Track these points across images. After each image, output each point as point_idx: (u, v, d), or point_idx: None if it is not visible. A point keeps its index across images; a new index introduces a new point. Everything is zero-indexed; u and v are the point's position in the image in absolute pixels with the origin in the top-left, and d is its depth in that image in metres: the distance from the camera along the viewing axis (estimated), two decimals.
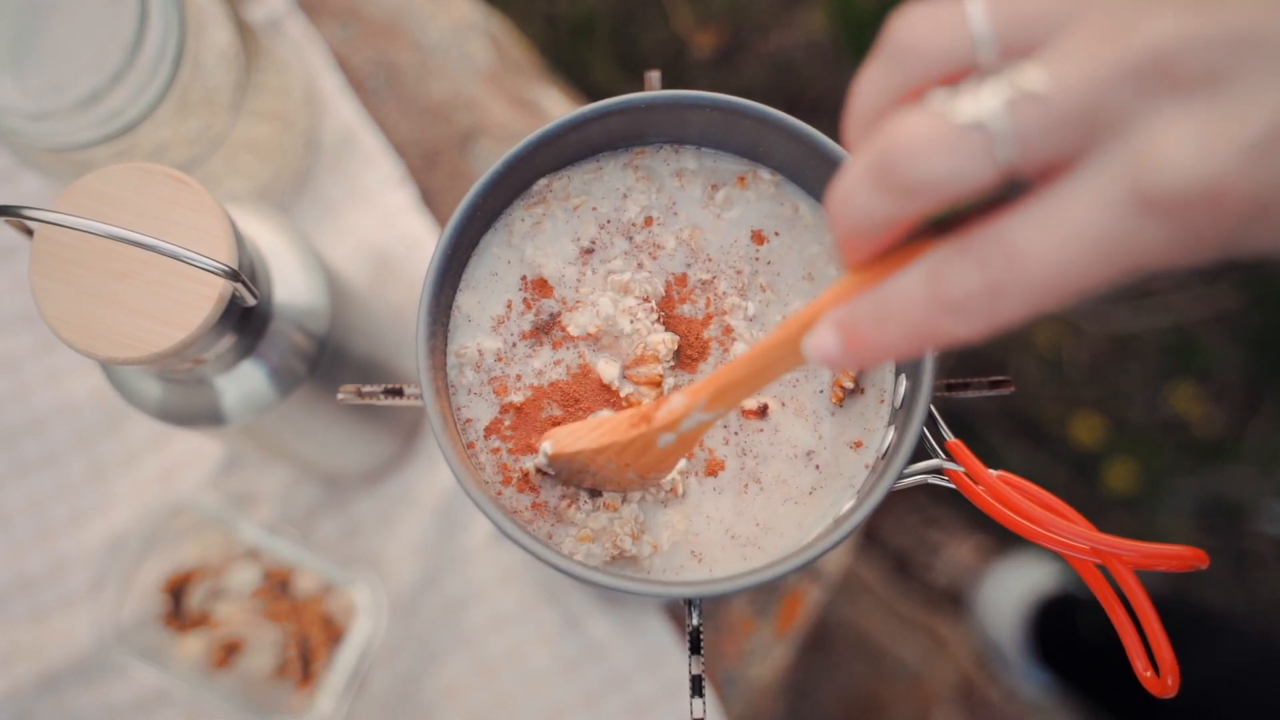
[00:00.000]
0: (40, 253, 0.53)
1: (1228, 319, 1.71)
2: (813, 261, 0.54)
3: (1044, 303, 0.31)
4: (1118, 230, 0.29)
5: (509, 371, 0.53)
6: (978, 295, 0.31)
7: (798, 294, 0.53)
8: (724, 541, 0.51)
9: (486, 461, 0.52)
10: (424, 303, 0.49)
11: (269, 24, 0.93)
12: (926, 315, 0.32)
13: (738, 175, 0.54)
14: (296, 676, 0.84)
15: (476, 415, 0.52)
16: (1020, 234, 0.30)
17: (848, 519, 0.46)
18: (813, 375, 0.53)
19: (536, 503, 0.51)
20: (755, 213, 0.54)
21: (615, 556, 0.50)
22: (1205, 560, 0.42)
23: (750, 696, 0.89)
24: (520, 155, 0.50)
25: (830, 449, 0.52)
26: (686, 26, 1.77)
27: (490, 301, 0.53)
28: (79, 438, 0.88)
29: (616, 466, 0.48)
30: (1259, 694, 1.23)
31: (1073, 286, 0.31)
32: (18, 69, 0.69)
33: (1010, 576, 1.60)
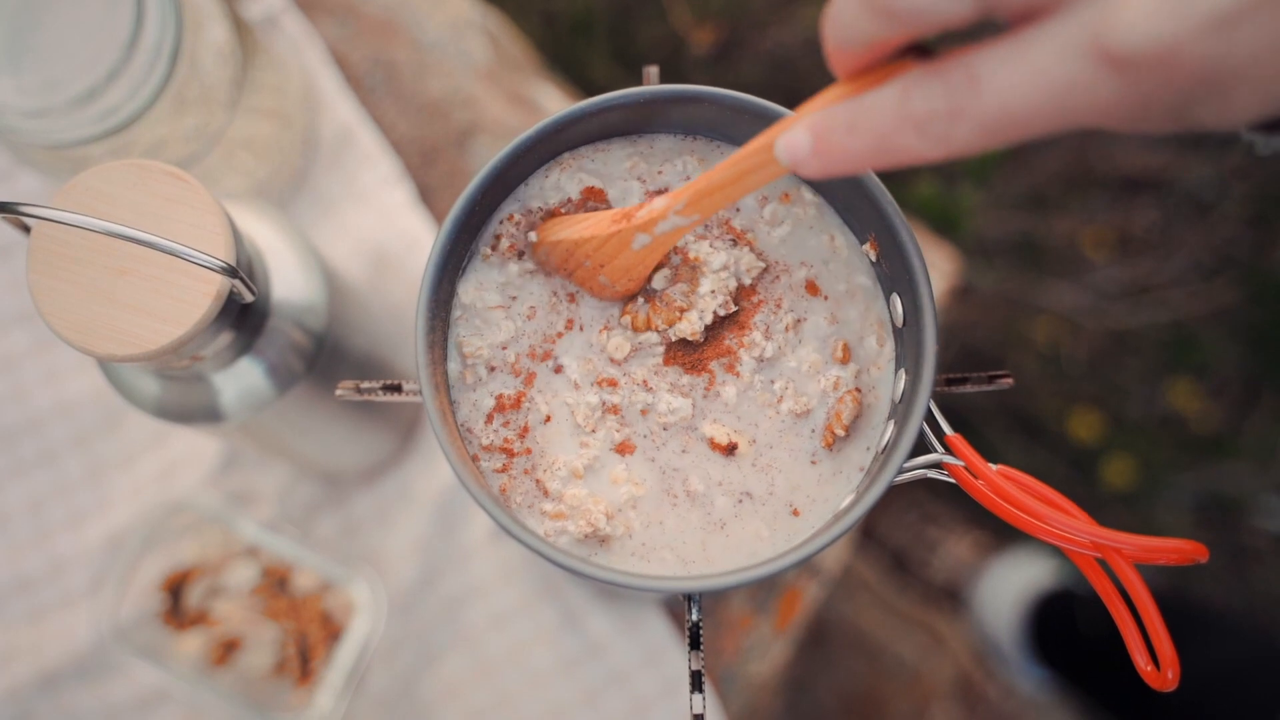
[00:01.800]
0: (38, 250, 0.53)
1: (1225, 315, 1.71)
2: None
3: (996, 134, 0.34)
4: (1073, 77, 0.32)
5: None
6: (940, 116, 0.34)
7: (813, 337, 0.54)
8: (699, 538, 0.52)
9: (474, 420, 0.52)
10: (423, 299, 0.49)
11: (266, 21, 0.93)
12: (892, 128, 0.35)
13: (782, 194, 0.54)
14: (295, 674, 0.84)
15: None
16: (987, 67, 0.33)
17: (847, 513, 0.46)
18: (800, 430, 0.52)
19: (507, 464, 0.52)
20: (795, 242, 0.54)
21: (588, 535, 0.50)
22: (1205, 554, 0.41)
23: (749, 693, 0.89)
24: (518, 151, 0.50)
25: (808, 498, 0.52)
26: (684, 23, 1.77)
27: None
28: (77, 437, 0.88)
29: (592, 266, 0.50)
30: (1257, 689, 1.23)
31: (1024, 122, 0.33)
32: (14, 66, 0.69)
33: (1008, 573, 1.60)
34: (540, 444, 0.52)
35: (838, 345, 0.52)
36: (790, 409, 0.52)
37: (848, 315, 0.53)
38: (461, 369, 0.53)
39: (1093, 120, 0.33)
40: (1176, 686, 0.43)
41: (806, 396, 0.52)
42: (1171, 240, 1.74)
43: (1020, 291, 1.74)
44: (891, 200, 0.49)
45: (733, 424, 0.52)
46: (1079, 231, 1.75)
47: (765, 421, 0.52)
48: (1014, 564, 1.61)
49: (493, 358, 0.53)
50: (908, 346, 0.50)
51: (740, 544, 0.51)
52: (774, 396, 0.52)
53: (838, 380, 0.52)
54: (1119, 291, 1.74)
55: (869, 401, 0.52)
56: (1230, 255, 1.73)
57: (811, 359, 0.53)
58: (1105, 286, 1.74)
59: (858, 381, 0.52)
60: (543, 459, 0.52)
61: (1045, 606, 1.53)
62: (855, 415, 0.51)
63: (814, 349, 0.53)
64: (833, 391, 0.52)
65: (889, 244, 0.50)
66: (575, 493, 0.51)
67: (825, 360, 0.53)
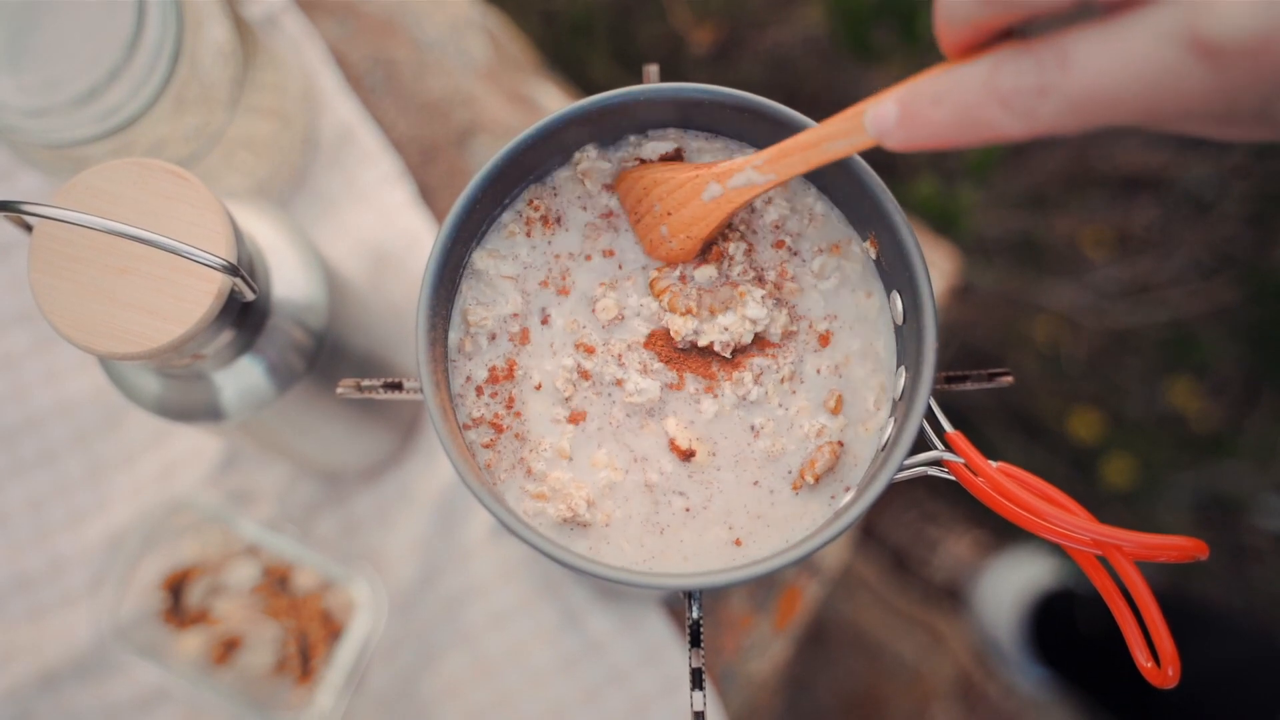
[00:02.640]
0: (39, 249, 0.53)
1: (1225, 314, 1.71)
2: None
3: (1081, 114, 0.34)
4: (1163, 63, 0.32)
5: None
6: (1026, 91, 0.34)
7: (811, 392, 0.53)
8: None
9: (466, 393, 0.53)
10: (424, 298, 0.49)
11: (266, 21, 0.93)
12: (978, 101, 0.36)
13: (831, 244, 0.54)
14: (296, 673, 0.84)
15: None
16: (1079, 47, 0.33)
17: (848, 511, 0.46)
18: (769, 467, 0.52)
19: (494, 439, 0.52)
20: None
21: (567, 519, 0.50)
22: (1205, 551, 0.42)
23: (749, 691, 0.89)
24: (518, 150, 0.50)
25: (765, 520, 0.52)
26: (684, 22, 1.77)
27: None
28: (77, 436, 0.88)
29: (660, 211, 0.51)
30: (1256, 688, 1.23)
31: (1111, 104, 0.33)
32: (15, 66, 0.69)
33: (1008, 572, 1.60)
34: (526, 418, 0.52)
35: (833, 396, 0.52)
36: (765, 447, 0.52)
37: (853, 372, 0.53)
38: (462, 336, 0.53)
39: (1178, 111, 0.33)
40: (1177, 684, 0.43)
41: (785, 440, 0.52)
42: (1171, 239, 1.74)
43: (1020, 290, 1.74)
44: (892, 198, 0.49)
45: (699, 432, 0.52)
46: (1079, 230, 1.75)
47: (733, 446, 0.52)
48: (1014, 563, 1.61)
49: (496, 328, 0.53)
50: (908, 344, 0.50)
51: (693, 551, 0.51)
52: (750, 431, 0.52)
53: (823, 429, 0.52)
54: (1119, 290, 1.74)
55: (846, 458, 0.52)
56: (1230, 254, 1.73)
57: (802, 404, 0.52)
58: (1105, 285, 1.74)
59: (842, 435, 0.52)
60: (529, 437, 0.52)
61: (1045, 605, 1.53)
62: (829, 468, 0.51)
63: (807, 395, 0.52)
64: (814, 438, 0.52)
65: (889, 242, 0.50)
66: (559, 475, 0.51)
67: (815, 407, 0.52)
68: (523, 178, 0.54)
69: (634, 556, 0.51)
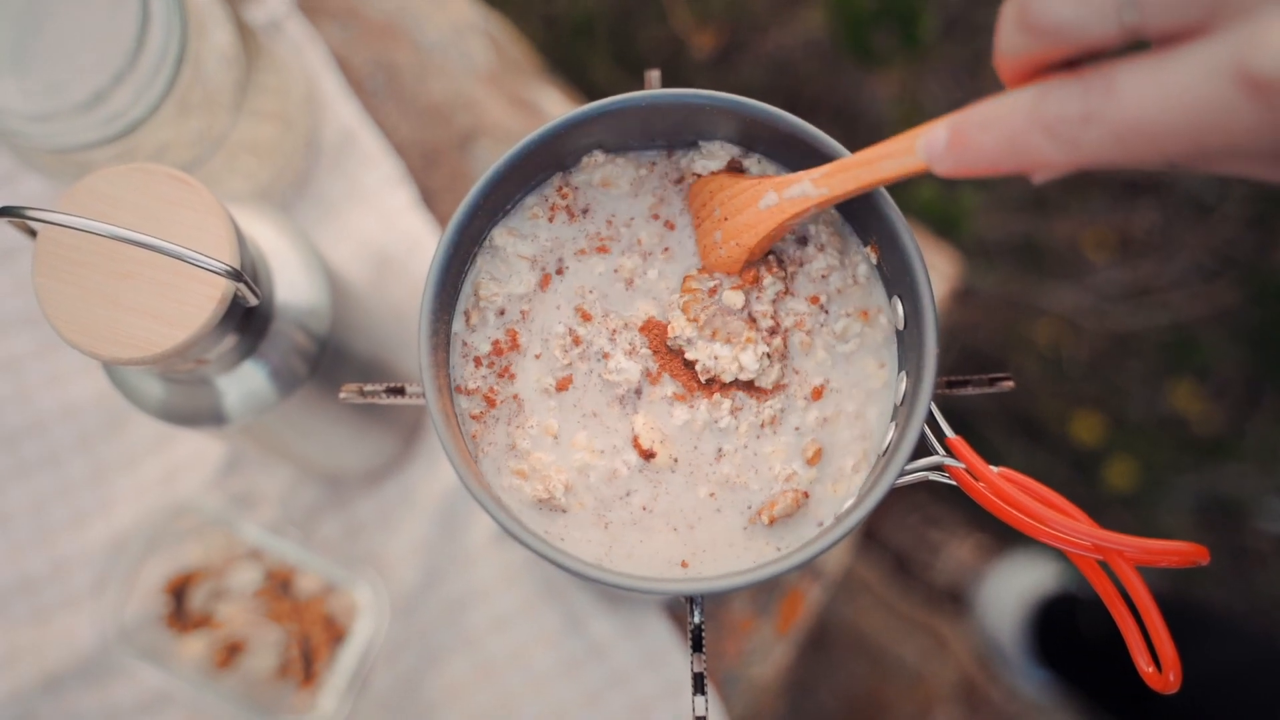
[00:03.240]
0: (43, 253, 0.53)
1: (1227, 316, 1.71)
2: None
3: (1126, 145, 0.34)
4: (1212, 97, 0.32)
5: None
6: (1072, 119, 0.34)
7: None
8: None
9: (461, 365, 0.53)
10: (426, 302, 0.49)
11: (269, 25, 0.93)
12: (1023, 128, 0.36)
13: (861, 310, 0.54)
14: (299, 677, 0.84)
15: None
16: (1126, 77, 0.33)
17: (849, 515, 0.47)
18: (726, 494, 0.52)
19: (484, 411, 0.52)
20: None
21: (542, 500, 0.51)
22: (1206, 556, 0.42)
23: (751, 695, 0.89)
24: (521, 155, 0.50)
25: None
26: (685, 26, 1.77)
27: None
28: (81, 439, 0.88)
29: (720, 215, 0.52)
30: (1258, 691, 1.23)
31: (1156, 136, 0.33)
32: (19, 70, 0.70)
33: (1010, 576, 1.60)
34: (520, 382, 0.52)
35: (813, 447, 0.52)
36: (727, 474, 0.52)
37: (840, 432, 0.52)
38: (469, 309, 0.53)
39: (1224, 146, 0.33)
40: (1178, 688, 0.43)
41: (750, 475, 0.52)
42: (1172, 242, 1.74)
43: (1021, 293, 1.74)
44: (892, 203, 0.49)
45: (664, 435, 0.52)
46: (1080, 233, 1.75)
47: (696, 461, 0.52)
48: (1016, 567, 1.61)
49: (505, 304, 0.53)
50: (909, 349, 0.50)
51: (642, 557, 0.51)
52: (716, 453, 0.52)
53: (793, 474, 0.51)
54: (1120, 293, 1.74)
55: (807, 511, 0.51)
56: (1231, 257, 1.73)
57: (777, 447, 0.52)
58: (1106, 288, 1.74)
59: (811, 488, 0.51)
60: (521, 408, 0.52)
61: (1047, 609, 1.53)
62: (787, 514, 0.51)
63: (785, 440, 0.52)
64: (782, 481, 0.51)
65: (890, 246, 0.50)
66: (541, 456, 0.51)
67: (792, 453, 0.52)
68: (524, 183, 0.54)
69: (593, 550, 0.51)
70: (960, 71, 1.77)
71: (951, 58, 1.77)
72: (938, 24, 1.77)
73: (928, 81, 1.76)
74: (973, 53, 1.77)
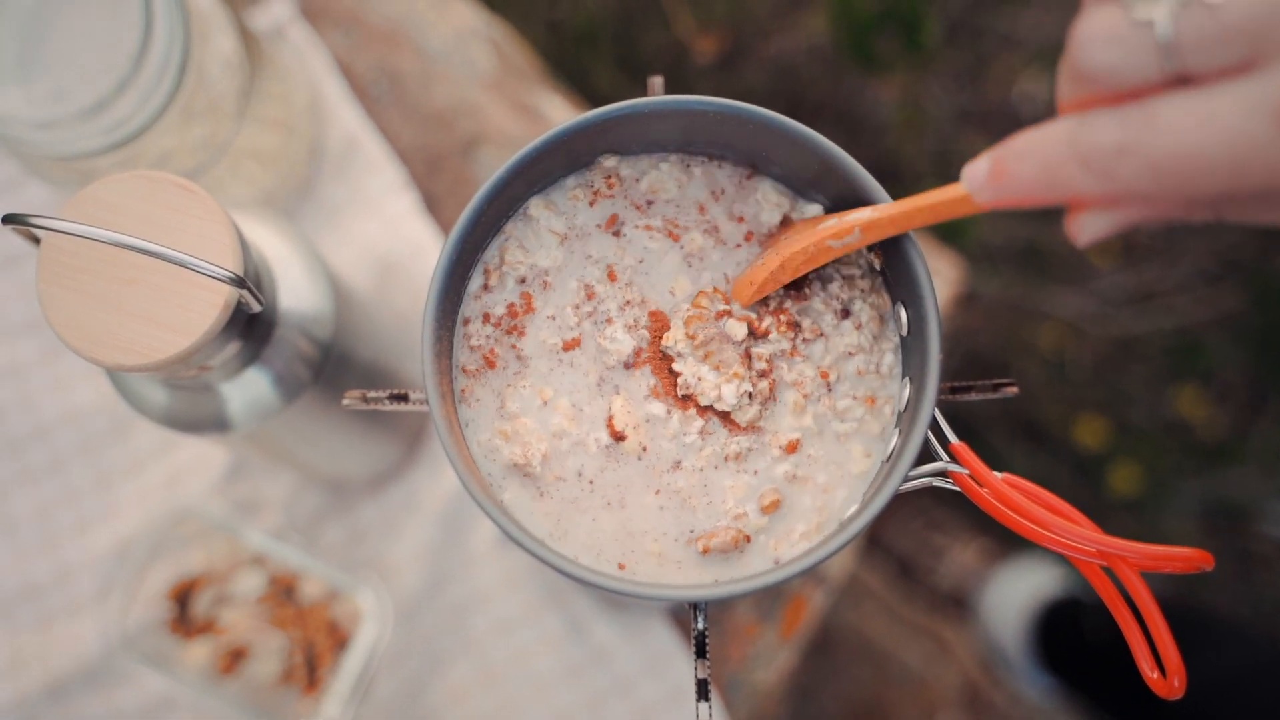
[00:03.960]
0: (47, 260, 0.53)
1: (1230, 320, 1.71)
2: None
3: (1162, 177, 0.33)
4: (1252, 133, 0.32)
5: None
6: (1107, 149, 0.34)
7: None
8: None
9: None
10: (429, 308, 0.49)
11: (272, 32, 0.93)
12: (1059, 158, 0.36)
13: (870, 396, 0.53)
14: (302, 683, 0.84)
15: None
16: (1165, 109, 0.33)
17: (853, 522, 0.46)
18: (673, 508, 0.52)
19: (480, 368, 0.52)
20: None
21: (518, 465, 0.51)
22: (1211, 562, 0.42)
23: (755, 700, 0.89)
24: (525, 161, 0.50)
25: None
26: (688, 31, 1.77)
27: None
28: (85, 445, 0.89)
29: (779, 245, 0.52)
30: (1263, 695, 1.23)
31: (1193, 169, 0.33)
32: (23, 78, 0.70)
33: (1014, 580, 1.60)
34: (526, 338, 0.53)
35: (771, 495, 0.51)
36: (680, 487, 0.51)
37: (801, 495, 0.51)
38: (490, 268, 0.53)
39: (1260, 183, 0.33)
40: (1183, 695, 0.43)
41: (701, 498, 0.51)
42: (1176, 246, 1.74)
43: (1025, 298, 1.74)
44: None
45: (637, 421, 0.52)
46: None
47: (659, 457, 0.52)
48: (1020, 571, 1.61)
49: (527, 274, 0.53)
50: (913, 355, 0.50)
51: (591, 540, 0.51)
52: (674, 464, 0.52)
53: (743, 515, 0.51)
54: (1124, 298, 1.74)
55: (745, 552, 0.51)
56: (1235, 261, 1.72)
57: (735, 484, 0.51)
58: (1110, 293, 1.74)
59: (756, 534, 0.51)
60: (521, 372, 0.52)
61: (1052, 614, 1.52)
62: (722, 551, 0.50)
63: (746, 480, 0.52)
64: (729, 519, 0.51)
65: (894, 252, 0.50)
66: (527, 422, 0.51)
67: (749, 495, 0.51)
68: (527, 192, 0.54)
69: (541, 525, 0.51)
70: (963, 76, 1.77)
71: (954, 62, 1.77)
72: (940, 29, 1.77)
73: (930, 86, 1.76)
74: (975, 57, 1.77)
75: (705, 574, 0.50)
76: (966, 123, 1.76)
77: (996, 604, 1.60)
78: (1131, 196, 0.35)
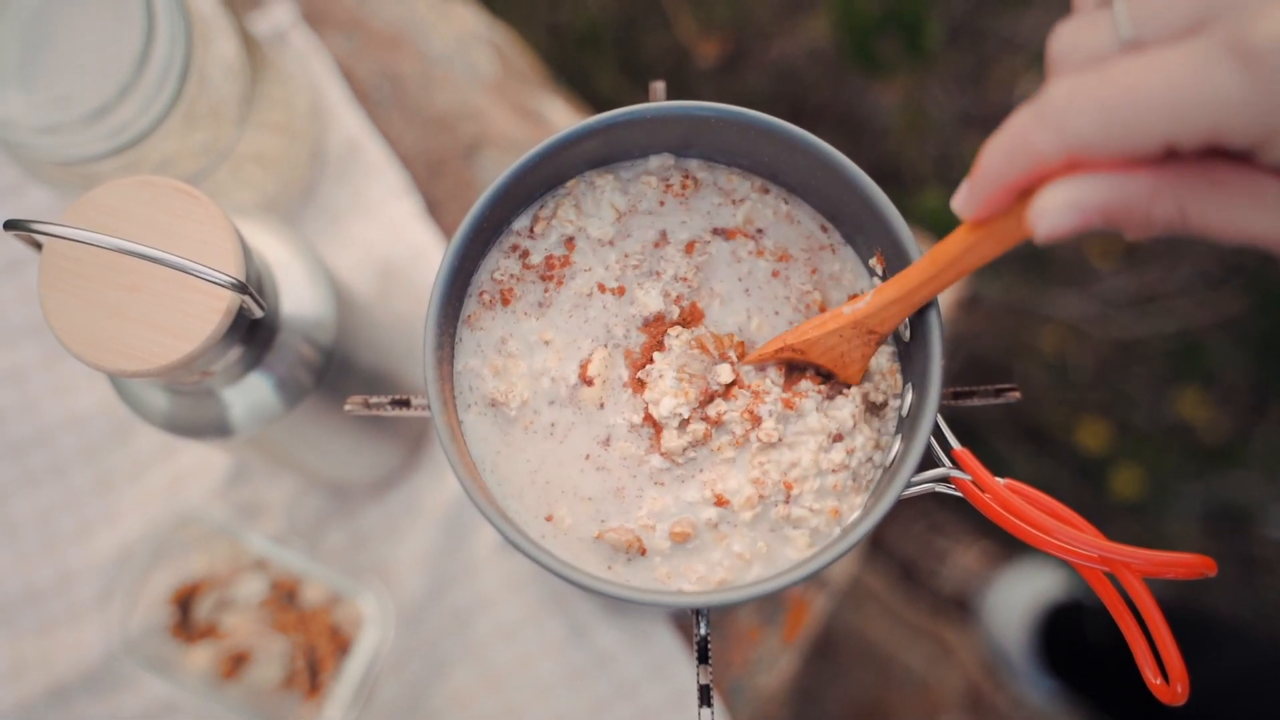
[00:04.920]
0: (49, 266, 0.53)
1: (1233, 323, 1.71)
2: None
3: (1111, 124, 0.34)
4: (1204, 72, 0.33)
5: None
6: (1061, 98, 0.35)
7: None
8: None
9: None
10: (431, 314, 0.49)
11: (274, 36, 0.93)
12: (1022, 125, 0.37)
13: (834, 508, 0.52)
14: (304, 687, 0.84)
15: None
16: (1121, 61, 0.35)
17: (855, 528, 0.46)
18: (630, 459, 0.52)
19: (494, 300, 0.53)
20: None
21: (496, 401, 0.51)
22: (1213, 568, 0.41)
23: (758, 704, 0.89)
24: (527, 166, 0.50)
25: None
26: (689, 35, 1.77)
27: None
28: (86, 449, 0.89)
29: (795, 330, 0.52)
30: (1265, 699, 1.22)
31: (1143, 111, 0.34)
32: (26, 83, 0.70)
33: (1017, 583, 1.60)
34: (568, 280, 0.53)
35: (683, 526, 0.51)
36: (610, 467, 0.52)
37: (713, 549, 0.51)
38: (540, 215, 0.54)
39: (1216, 121, 0.33)
40: (1186, 700, 0.43)
41: (621, 488, 0.51)
42: (1178, 249, 1.74)
43: (1027, 300, 1.74)
44: (897, 214, 0.49)
45: (607, 378, 0.53)
46: (1085, 240, 1.75)
47: (609, 423, 0.52)
48: (1023, 574, 1.61)
49: (575, 236, 0.54)
50: (915, 361, 0.50)
51: (522, 486, 0.52)
52: (605, 440, 0.52)
53: (651, 527, 0.51)
54: (1126, 300, 1.74)
55: (633, 560, 0.51)
56: (1237, 264, 1.72)
57: (659, 497, 0.51)
58: (1112, 295, 1.74)
59: (653, 553, 0.51)
60: (527, 316, 0.53)
61: (1054, 617, 1.52)
62: (616, 547, 0.50)
63: (665, 503, 0.51)
64: (636, 523, 0.51)
65: (895, 258, 0.50)
66: (521, 364, 0.52)
67: (665, 514, 0.51)
68: (528, 198, 0.54)
69: (484, 451, 0.51)
70: (965, 79, 1.77)
71: (956, 65, 1.77)
72: (942, 31, 1.77)
73: (932, 89, 1.76)
74: (977, 60, 1.77)
75: (599, 560, 0.50)
76: (968, 126, 1.76)
77: (999, 607, 1.59)
78: (1086, 151, 0.35)
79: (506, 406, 0.51)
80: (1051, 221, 0.37)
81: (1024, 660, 1.55)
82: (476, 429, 0.52)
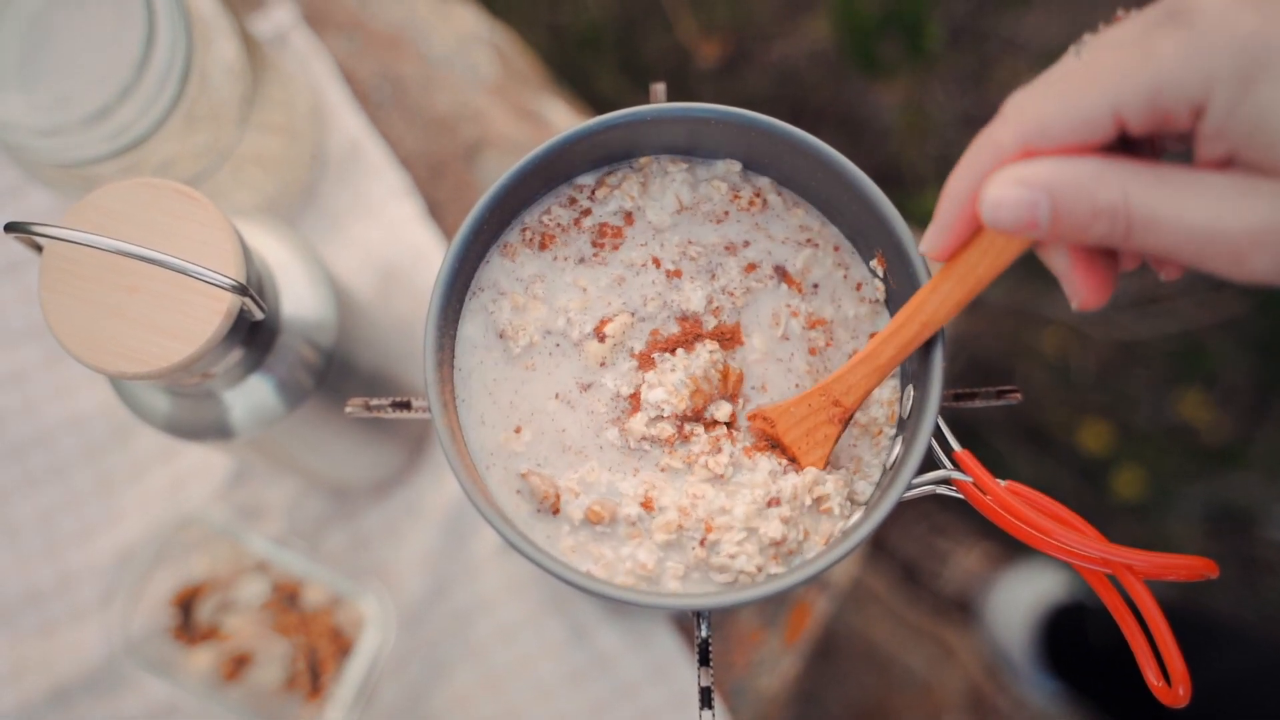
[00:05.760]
0: (49, 268, 0.53)
1: (1234, 324, 1.71)
2: None
3: (1064, 99, 0.37)
4: (1143, 39, 0.36)
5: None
6: (1019, 94, 0.39)
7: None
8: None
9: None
10: (432, 316, 0.49)
11: (275, 38, 0.93)
12: (985, 130, 0.39)
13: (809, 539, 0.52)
14: (305, 689, 0.84)
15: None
16: (1070, 60, 0.39)
17: (856, 530, 0.46)
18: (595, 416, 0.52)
19: (538, 238, 0.53)
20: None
21: (504, 334, 0.52)
22: (1215, 570, 0.41)
23: (759, 706, 0.89)
24: (528, 168, 0.50)
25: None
26: (690, 36, 1.77)
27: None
28: (87, 451, 0.89)
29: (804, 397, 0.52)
30: (1268, 701, 1.22)
31: (1090, 85, 0.37)
32: (26, 85, 0.70)
33: (1019, 584, 1.59)
34: (622, 245, 0.54)
35: (623, 509, 0.51)
36: (587, 416, 0.52)
37: (622, 545, 0.51)
38: (609, 184, 0.54)
39: (1153, 76, 0.36)
40: (1188, 702, 0.43)
41: (590, 443, 0.52)
42: None
43: (1028, 302, 1.74)
44: (898, 215, 0.49)
45: (621, 340, 0.53)
46: None
47: (612, 394, 0.53)
48: (1025, 576, 1.60)
49: (633, 211, 0.54)
50: (915, 362, 0.50)
51: (506, 418, 0.52)
52: (608, 419, 0.53)
53: (572, 490, 0.51)
54: (1127, 301, 1.73)
55: (547, 517, 0.51)
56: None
57: (626, 478, 0.52)
58: (1113, 297, 1.73)
59: (569, 512, 0.51)
60: (569, 262, 0.53)
61: (1056, 618, 1.52)
62: (532, 497, 0.50)
63: (629, 485, 0.52)
64: (571, 480, 0.51)
65: (896, 259, 0.50)
66: (541, 305, 0.53)
67: (631, 496, 0.51)
68: (531, 198, 0.54)
69: (484, 374, 0.52)
70: (966, 80, 1.77)
71: (957, 66, 1.77)
72: (943, 32, 1.77)
73: (933, 90, 1.76)
74: (978, 61, 1.77)
75: (515, 502, 0.51)
76: (969, 127, 1.76)
77: (1001, 608, 1.59)
78: (1039, 135, 0.38)
79: (513, 341, 0.52)
80: (996, 195, 0.38)
81: (1026, 662, 1.55)
82: (473, 355, 0.52)
